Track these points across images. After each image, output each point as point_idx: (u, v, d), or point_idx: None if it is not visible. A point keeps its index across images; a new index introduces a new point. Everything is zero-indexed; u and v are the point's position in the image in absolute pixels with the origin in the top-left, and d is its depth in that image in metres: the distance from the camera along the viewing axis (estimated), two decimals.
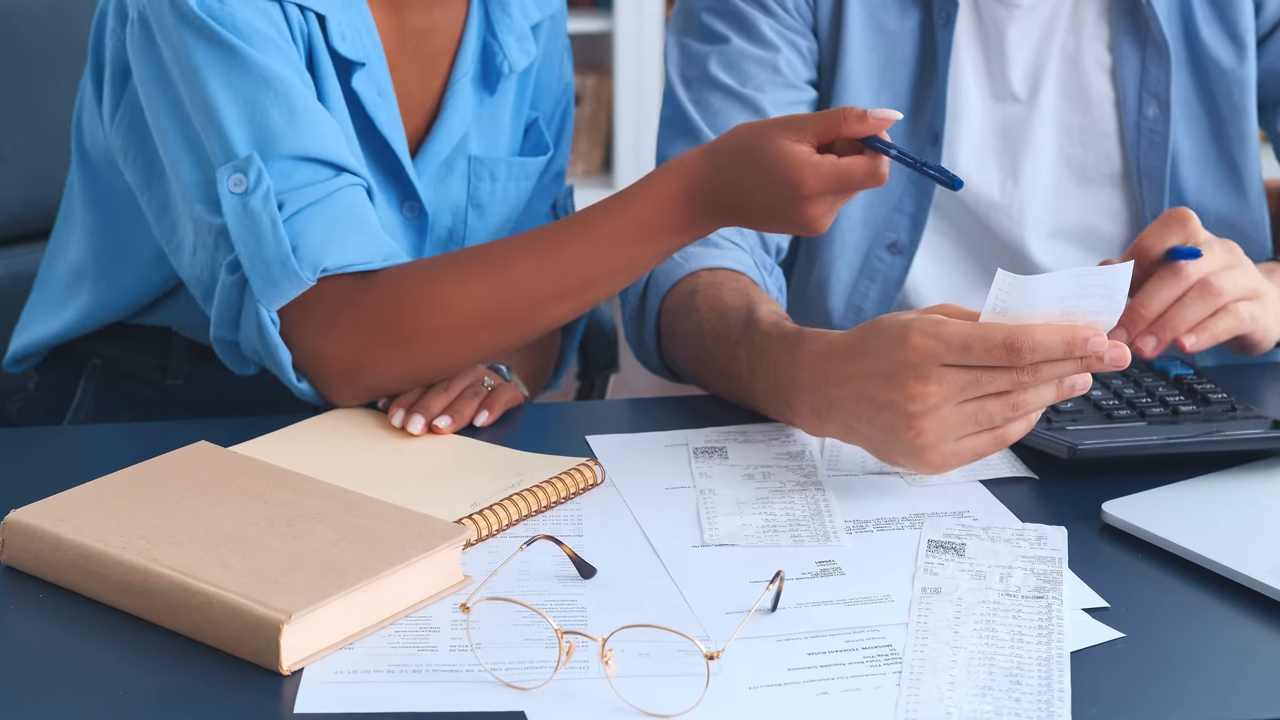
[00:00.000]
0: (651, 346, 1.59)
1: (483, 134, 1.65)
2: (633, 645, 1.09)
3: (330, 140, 1.45)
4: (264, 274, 1.40)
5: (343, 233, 1.42)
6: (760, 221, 1.41)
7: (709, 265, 1.56)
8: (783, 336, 1.40)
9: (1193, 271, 1.46)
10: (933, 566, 1.22)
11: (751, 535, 1.27)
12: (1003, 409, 1.27)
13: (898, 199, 1.73)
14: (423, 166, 1.61)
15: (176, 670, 1.10)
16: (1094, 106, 1.70)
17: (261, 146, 1.42)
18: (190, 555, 1.15)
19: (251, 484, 1.26)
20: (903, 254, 1.74)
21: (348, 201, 1.45)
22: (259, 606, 1.09)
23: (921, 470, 1.30)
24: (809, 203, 1.36)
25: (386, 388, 1.45)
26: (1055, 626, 1.14)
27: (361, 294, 1.43)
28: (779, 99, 1.67)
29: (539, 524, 1.29)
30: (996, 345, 1.24)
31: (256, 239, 1.40)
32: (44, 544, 1.19)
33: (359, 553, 1.16)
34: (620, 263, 1.43)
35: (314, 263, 1.40)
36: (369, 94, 1.53)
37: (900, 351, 1.27)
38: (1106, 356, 1.25)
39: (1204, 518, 1.27)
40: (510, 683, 1.07)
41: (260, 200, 1.40)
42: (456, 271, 1.44)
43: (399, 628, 1.14)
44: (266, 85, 1.43)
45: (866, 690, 1.07)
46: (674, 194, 1.40)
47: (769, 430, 1.44)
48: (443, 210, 1.64)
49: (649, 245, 1.42)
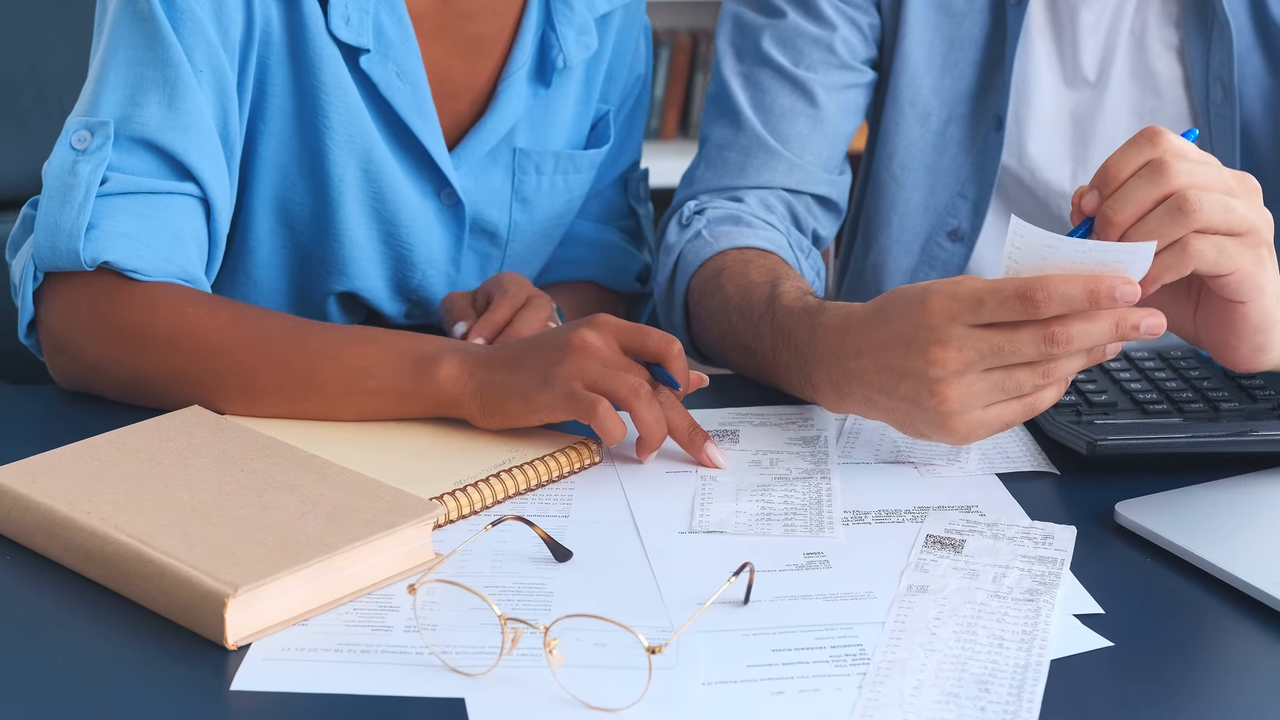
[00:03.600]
0: (680, 326, 1.55)
1: (533, 127, 1.61)
2: (589, 635, 1.05)
3: (194, 147, 1.40)
4: (50, 235, 1.36)
5: (146, 236, 1.37)
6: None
7: (738, 244, 1.51)
8: (804, 310, 1.35)
9: (1176, 175, 1.19)
10: (924, 563, 1.17)
11: (743, 523, 1.22)
12: (1032, 376, 1.21)
13: (960, 184, 1.66)
14: (464, 156, 1.57)
15: (124, 641, 1.08)
16: (1164, 89, 1.62)
17: (123, 120, 1.38)
18: (152, 523, 1.13)
19: (232, 451, 1.23)
20: (964, 242, 1.68)
21: (170, 207, 1.39)
22: (207, 579, 1.06)
23: (947, 440, 1.24)
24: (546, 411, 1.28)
25: (97, 384, 1.38)
26: (1040, 632, 1.08)
27: (121, 295, 1.36)
28: (831, 80, 1.61)
29: (524, 503, 1.25)
30: (1010, 296, 1.18)
31: (63, 200, 1.36)
32: (14, 506, 1.18)
33: (323, 527, 1.13)
34: (357, 377, 1.33)
35: (98, 251, 1.36)
36: (384, 77, 1.49)
37: (919, 315, 1.21)
38: (1143, 324, 1.18)
39: (1219, 522, 1.20)
40: (457, 668, 1.04)
41: (90, 168, 1.36)
42: (216, 306, 1.36)
43: (358, 605, 1.11)
44: (162, 66, 1.39)
45: (825, 692, 1.02)
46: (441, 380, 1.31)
47: (787, 414, 1.39)
48: (486, 202, 1.61)
49: (392, 378, 1.32)
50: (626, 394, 1.26)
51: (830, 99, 1.61)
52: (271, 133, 1.49)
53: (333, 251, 1.55)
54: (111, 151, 1.37)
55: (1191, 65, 1.59)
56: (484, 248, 1.63)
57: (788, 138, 1.60)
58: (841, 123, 1.62)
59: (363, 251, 1.56)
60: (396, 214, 1.55)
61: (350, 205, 1.53)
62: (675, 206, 1.61)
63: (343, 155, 1.50)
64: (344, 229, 1.54)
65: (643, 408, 1.26)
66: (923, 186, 1.67)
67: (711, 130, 1.63)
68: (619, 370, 1.27)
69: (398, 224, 1.55)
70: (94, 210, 1.36)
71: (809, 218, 1.61)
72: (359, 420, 1.33)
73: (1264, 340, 1.25)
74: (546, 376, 1.27)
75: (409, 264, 1.58)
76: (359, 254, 1.56)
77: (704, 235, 1.52)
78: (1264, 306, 1.23)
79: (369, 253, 1.56)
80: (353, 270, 1.56)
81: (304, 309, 1.60)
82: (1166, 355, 1.45)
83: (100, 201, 1.36)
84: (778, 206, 1.59)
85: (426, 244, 1.58)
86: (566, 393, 1.26)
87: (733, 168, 1.60)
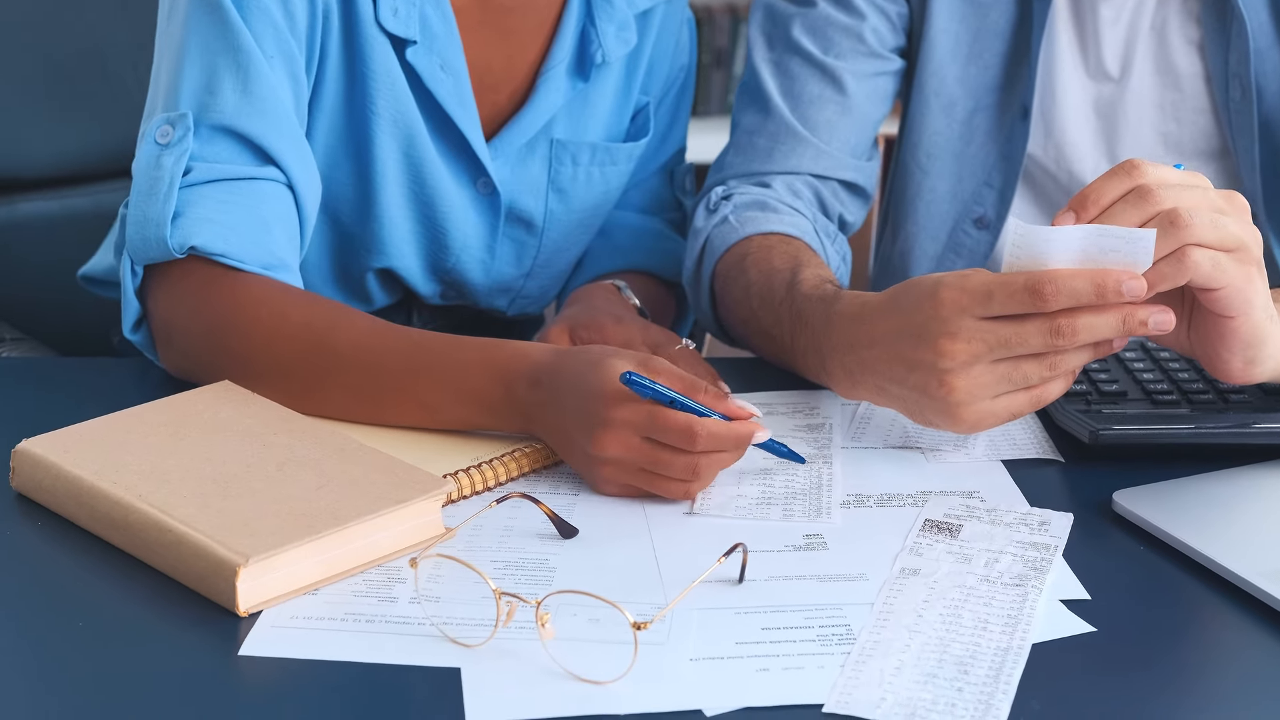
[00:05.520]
0: (707, 310, 1.58)
1: (571, 119, 1.65)
2: (584, 610, 1.09)
3: (272, 130, 1.43)
4: (140, 227, 1.40)
5: (231, 221, 1.40)
6: (562, 439, 1.28)
7: (763, 230, 1.54)
8: (821, 298, 1.38)
9: (1163, 199, 1.21)
10: (919, 547, 1.20)
11: (743, 507, 1.25)
12: (1039, 368, 1.24)
13: (986, 173, 1.69)
14: (501, 146, 1.61)
15: (142, 606, 1.13)
16: (1185, 83, 1.63)
17: (201, 109, 1.42)
18: (174, 494, 1.18)
19: (256, 426, 1.28)
20: (989, 229, 1.70)
21: (255, 194, 1.42)
22: (220, 548, 1.11)
23: (956, 429, 1.28)
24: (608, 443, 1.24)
25: (200, 375, 1.40)
26: (1025, 617, 1.11)
27: (218, 286, 1.40)
28: (860, 68, 1.64)
29: (538, 481, 1.29)
30: (1018, 290, 1.21)
31: (149, 193, 1.40)
32: (46, 474, 1.23)
33: (336, 500, 1.17)
34: (414, 411, 1.33)
35: (185, 237, 1.39)
36: (428, 68, 1.53)
37: (931, 306, 1.25)
38: (1151, 321, 1.21)
39: (1214, 513, 1.23)
40: (455, 638, 1.08)
41: (173, 159, 1.40)
42: (290, 304, 1.39)
43: (367, 577, 1.15)
44: (234, 54, 1.42)
45: (808, 670, 1.05)
46: (505, 384, 1.30)
47: (795, 401, 1.42)
48: (522, 192, 1.64)
49: (457, 414, 1.32)
50: (677, 496, 1.26)
51: (859, 86, 1.63)
52: (324, 115, 1.54)
53: (372, 231, 1.59)
54: (193, 142, 1.41)
55: (1211, 61, 1.61)
56: (520, 236, 1.67)
57: (816, 125, 1.63)
58: (869, 110, 1.65)
59: (400, 232, 1.60)
60: (434, 199, 1.59)
61: (390, 188, 1.57)
62: (704, 192, 1.64)
63: (386, 140, 1.55)
64: (384, 210, 1.58)
65: (692, 489, 1.26)
66: (949, 175, 1.70)
67: (742, 116, 1.66)
68: (653, 479, 1.25)
69: (434, 208, 1.60)
70: (179, 199, 1.40)
71: (836, 203, 1.64)
72: None
73: (1255, 354, 1.26)
74: (593, 481, 1.27)
75: (444, 247, 1.63)
76: (396, 234, 1.60)
77: (730, 220, 1.56)
78: (1254, 321, 1.24)
79: (406, 233, 1.60)
80: (390, 249, 1.61)
81: (345, 283, 1.65)
82: None
83: (185, 191, 1.40)
84: (804, 192, 1.62)
85: (462, 230, 1.62)
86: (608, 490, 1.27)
87: (761, 153, 1.63)
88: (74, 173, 1.99)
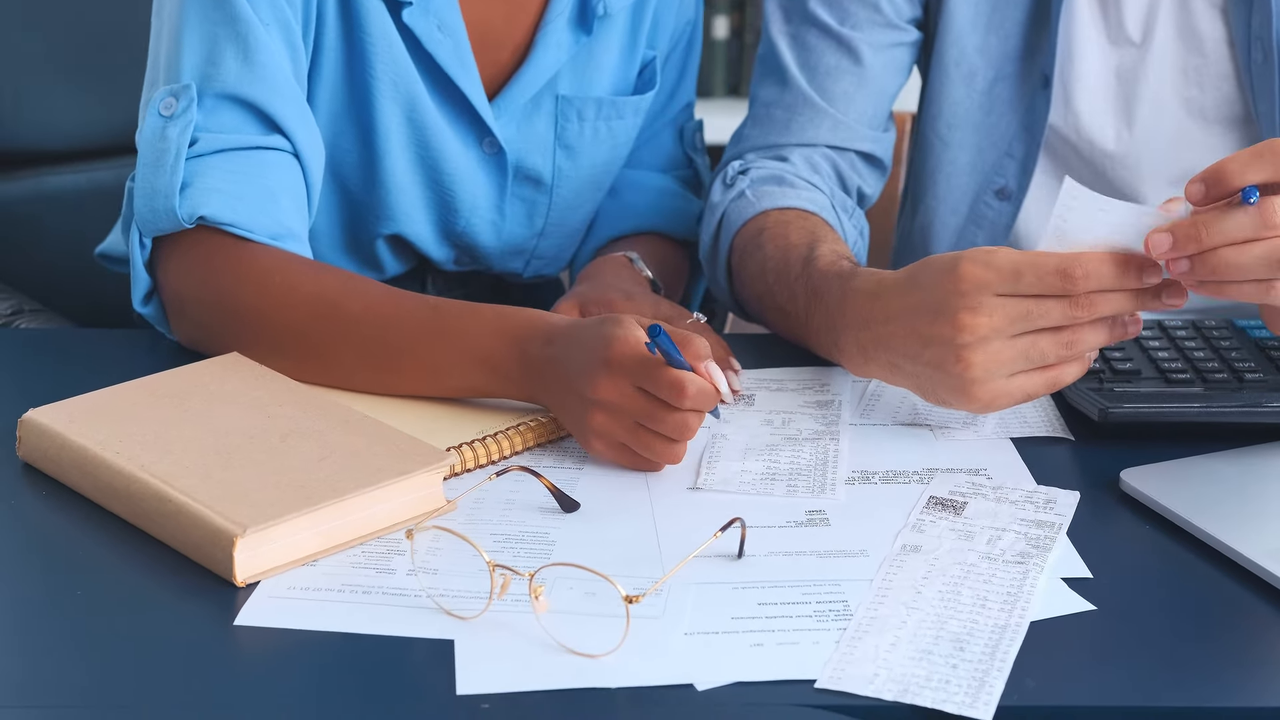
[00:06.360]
0: (723, 285, 1.58)
1: (576, 74, 1.64)
2: (580, 584, 1.09)
3: (277, 97, 1.43)
4: (148, 199, 1.41)
5: (239, 191, 1.40)
6: (563, 391, 1.28)
7: (780, 205, 1.54)
8: (837, 275, 1.38)
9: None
10: (922, 524, 1.19)
11: (747, 482, 1.25)
12: (1056, 346, 1.24)
13: (1008, 143, 1.67)
14: (505, 105, 1.61)
15: (142, 575, 1.13)
16: (1208, 48, 1.61)
17: (204, 80, 1.42)
18: (176, 465, 1.18)
19: (262, 397, 1.28)
20: (1011, 200, 1.69)
21: (262, 164, 1.42)
22: (219, 518, 1.11)
23: (969, 408, 1.27)
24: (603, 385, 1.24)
25: (212, 347, 1.40)
26: (1025, 594, 1.10)
27: (229, 256, 1.40)
28: (877, 39, 1.63)
29: (543, 455, 1.29)
30: (1049, 272, 1.21)
31: (156, 164, 1.41)
32: (51, 444, 1.23)
33: (336, 472, 1.17)
34: (422, 376, 1.34)
35: (194, 207, 1.39)
36: (426, 29, 1.53)
37: (951, 281, 1.24)
38: (1162, 297, 1.23)
39: (1220, 492, 1.21)
40: (451, 610, 1.08)
41: (179, 130, 1.40)
42: (301, 272, 1.39)
43: (366, 548, 1.15)
44: (232, 23, 1.42)
45: (804, 645, 1.05)
46: (519, 345, 1.30)
47: (804, 378, 1.42)
48: (528, 150, 1.64)
49: (464, 379, 1.33)
50: (662, 458, 1.26)
51: (875, 57, 1.63)
52: (324, 83, 1.53)
53: (379, 197, 1.60)
54: (197, 112, 1.41)
55: (1235, 24, 1.59)
56: (529, 195, 1.67)
57: (833, 95, 1.62)
58: (886, 81, 1.64)
59: (407, 197, 1.60)
60: (440, 162, 1.59)
61: (395, 152, 1.57)
62: (721, 165, 1.63)
63: (388, 105, 1.54)
64: (390, 175, 1.58)
65: (679, 449, 1.26)
66: (969, 146, 1.69)
67: (759, 89, 1.65)
68: (643, 435, 1.25)
69: (441, 171, 1.60)
70: (187, 170, 1.40)
71: (854, 175, 1.63)
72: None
73: None
74: (584, 433, 1.27)
75: (453, 210, 1.62)
76: (404, 199, 1.60)
77: (747, 195, 1.55)
78: None
79: (413, 198, 1.60)
80: (399, 215, 1.61)
81: (355, 251, 1.65)
82: (1200, 325, 1.45)
83: (193, 162, 1.41)
84: (823, 165, 1.61)
85: (470, 191, 1.62)
86: (602, 454, 1.27)
87: (778, 125, 1.62)
88: (100, 146, 1.99)
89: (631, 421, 1.24)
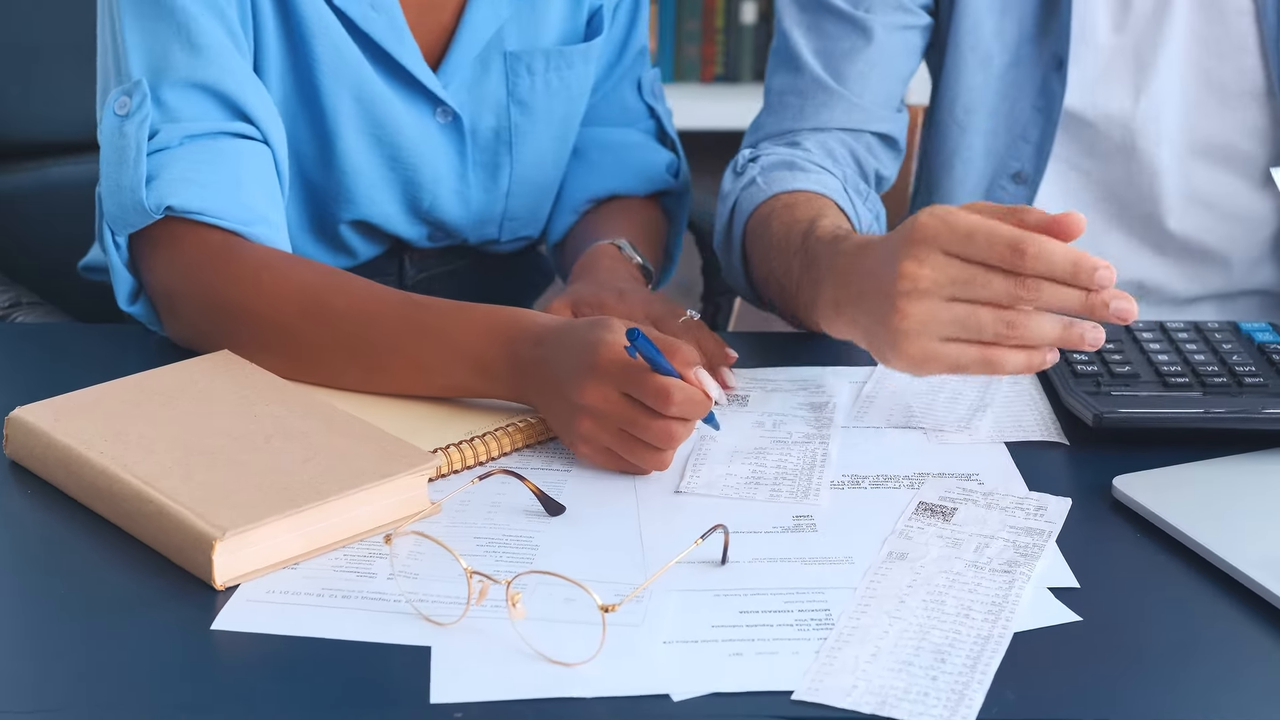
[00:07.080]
0: (740, 271, 1.56)
1: (521, 27, 1.62)
2: (559, 590, 1.07)
3: (229, 78, 1.43)
4: (115, 198, 1.41)
5: (206, 179, 1.40)
6: (551, 393, 1.27)
7: (790, 188, 1.52)
8: (833, 239, 1.36)
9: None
10: (909, 531, 1.18)
11: (731, 486, 1.24)
12: (995, 323, 1.21)
13: (1022, 126, 1.66)
14: (451, 69, 1.59)
15: (122, 576, 1.13)
16: (1230, 19, 1.60)
17: (155, 74, 1.41)
18: (158, 465, 1.17)
19: (250, 396, 1.27)
20: (1027, 184, 1.68)
21: (227, 151, 1.42)
22: (199, 521, 1.11)
23: (900, 365, 1.24)
24: (590, 391, 1.23)
25: (203, 345, 1.39)
26: (1009, 604, 1.09)
27: (208, 248, 1.39)
28: (890, 20, 1.62)
29: (530, 457, 1.28)
30: (1002, 242, 1.19)
31: (119, 162, 1.40)
32: (37, 442, 1.23)
33: (320, 473, 1.16)
34: (410, 374, 1.33)
35: (160, 198, 1.39)
36: (359, 9, 1.52)
37: (907, 230, 1.23)
38: (1113, 305, 1.19)
39: (1212, 500, 1.20)
40: (428, 616, 1.07)
41: (135, 125, 1.40)
42: (290, 268, 1.38)
43: (348, 552, 1.15)
44: (169, 16, 1.42)
45: (783, 655, 1.04)
46: (508, 345, 1.29)
47: (802, 379, 1.41)
48: (483, 111, 1.63)
49: (451, 378, 1.32)
50: (648, 465, 1.25)
51: (889, 38, 1.62)
52: (270, 74, 1.53)
53: (338, 183, 1.59)
54: (152, 106, 1.41)
55: None
56: (491, 159, 1.65)
57: (847, 78, 1.61)
58: (900, 63, 1.63)
59: (367, 180, 1.59)
60: (396, 139, 1.58)
61: (350, 137, 1.57)
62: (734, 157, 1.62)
63: (335, 89, 1.54)
64: (348, 160, 1.58)
65: (666, 456, 1.25)
66: (986, 131, 1.68)
67: (773, 79, 1.65)
68: (629, 441, 1.24)
69: (399, 148, 1.59)
70: (152, 164, 1.40)
71: (870, 158, 1.62)
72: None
73: None
74: (570, 437, 1.26)
75: (418, 186, 1.62)
76: (363, 183, 1.59)
77: (758, 181, 1.54)
78: None
79: (374, 180, 1.60)
80: (361, 199, 1.60)
81: (321, 238, 1.64)
82: (1202, 327, 1.44)
83: (158, 155, 1.40)
84: (838, 150, 1.60)
85: (431, 164, 1.61)
86: (588, 459, 1.26)
87: (791, 111, 1.62)
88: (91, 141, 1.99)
89: (617, 428, 1.23)
